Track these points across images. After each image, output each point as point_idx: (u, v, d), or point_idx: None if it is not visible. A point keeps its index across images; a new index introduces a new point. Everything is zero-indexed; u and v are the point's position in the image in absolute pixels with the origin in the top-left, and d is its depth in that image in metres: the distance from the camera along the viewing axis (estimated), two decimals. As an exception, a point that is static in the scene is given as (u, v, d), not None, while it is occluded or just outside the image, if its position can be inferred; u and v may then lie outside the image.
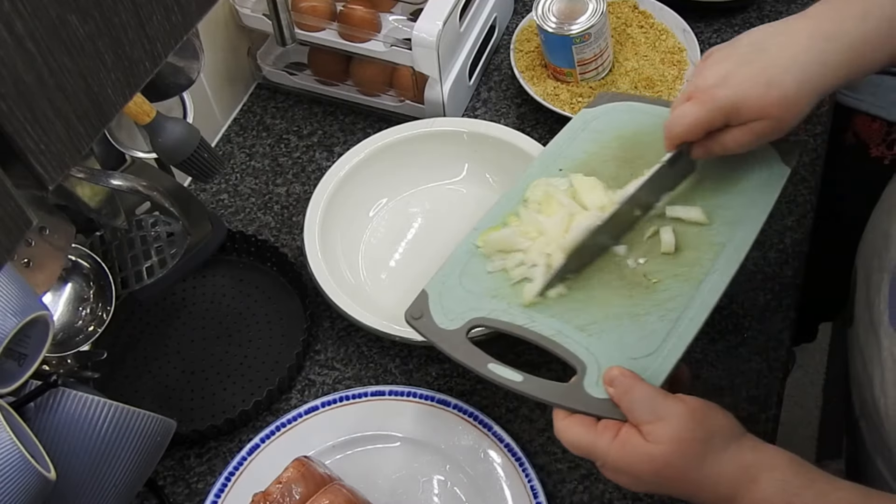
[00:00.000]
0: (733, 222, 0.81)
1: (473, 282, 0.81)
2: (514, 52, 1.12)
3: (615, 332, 0.75)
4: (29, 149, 0.39)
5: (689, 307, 0.76)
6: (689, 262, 0.79)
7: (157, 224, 0.90)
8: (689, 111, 0.75)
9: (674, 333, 0.74)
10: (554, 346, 0.75)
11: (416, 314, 0.80)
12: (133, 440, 0.72)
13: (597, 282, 0.79)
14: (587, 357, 0.74)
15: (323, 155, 1.10)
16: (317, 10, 1.06)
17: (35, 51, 0.37)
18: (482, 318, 0.79)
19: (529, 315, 0.78)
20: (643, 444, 0.65)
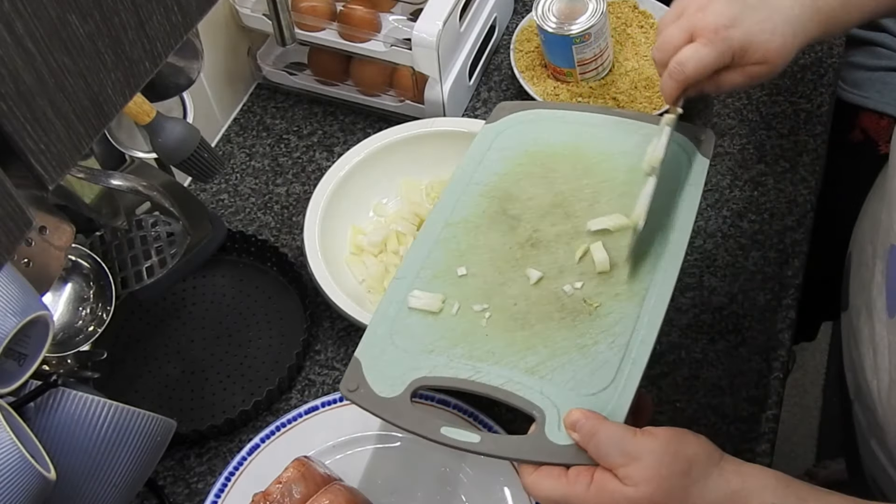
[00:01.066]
0: (663, 227, 0.77)
1: (406, 339, 0.75)
2: (514, 52, 1.12)
3: (566, 369, 0.71)
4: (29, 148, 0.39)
5: (637, 328, 0.72)
6: (625, 278, 0.75)
7: (157, 224, 0.90)
8: (703, 52, 0.75)
9: (627, 360, 0.70)
10: (506, 395, 0.70)
11: (352, 386, 0.73)
12: (133, 440, 0.72)
13: (535, 317, 0.74)
14: (543, 402, 0.69)
15: (323, 155, 1.10)
16: (317, 11, 1.06)
17: (35, 51, 0.37)
18: (423, 377, 0.72)
19: (473, 367, 0.72)
20: (621, 489, 0.62)
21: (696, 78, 0.77)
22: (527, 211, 0.81)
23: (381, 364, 0.74)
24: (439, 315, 0.76)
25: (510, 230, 0.80)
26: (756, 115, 1.08)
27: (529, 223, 0.80)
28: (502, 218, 0.81)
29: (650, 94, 1.06)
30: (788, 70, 1.11)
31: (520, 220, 0.81)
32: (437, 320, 0.76)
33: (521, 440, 0.67)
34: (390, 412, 0.71)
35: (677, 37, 0.77)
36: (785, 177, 1.03)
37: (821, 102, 1.09)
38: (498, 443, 0.70)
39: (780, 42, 0.76)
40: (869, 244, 0.85)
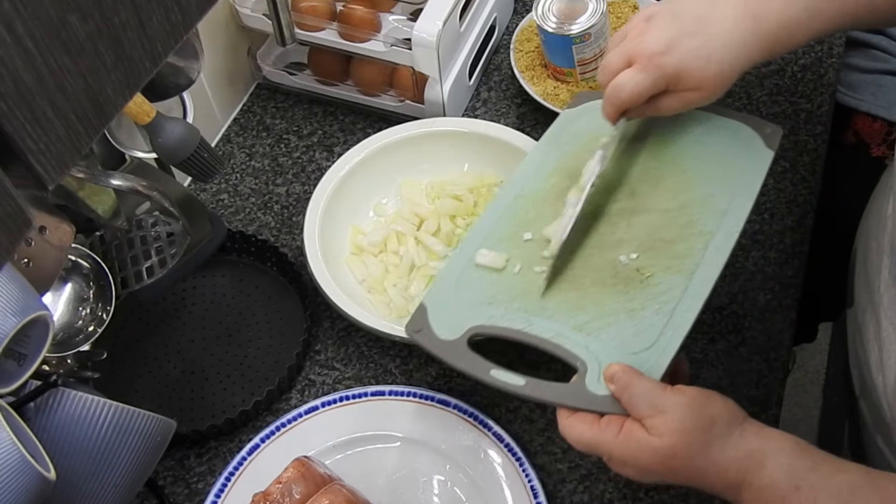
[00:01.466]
0: (721, 211, 0.81)
1: (469, 291, 0.82)
2: (514, 52, 1.12)
3: (612, 328, 0.76)
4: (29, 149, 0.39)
5: (684, 299, 0.76)
6: (680, 253, 0.79)
7: (157, 224, 0.90)
8: (637, 78, 0.77)
9: (670, 326, 0.74)
10: (554, 347, 0.76)
11: (416, 327, 0.81)
12: (133, 440, 0.72)
13: (590, 280, 0.80)
14: (587, 356, 0.74)
15: (323, 155, 1.10)
16: (317, 10, 1.06)
17: (35, 51, 0.37)
18: (481, 325, 0.79)
19: (527, 319, 0.78)
20: (647, 438, 0.66)
21: (632, 103, 0.79)
22: (594, 186, 0.84)
23: (443, 311, 0.81)
24: (502, 272, 0.83)
25: (575, 203, 0.84)
26: (756, 115, 1.07)
27: (594, 198, 0.85)
28: (570, 193, 0.85)
29: (650, 94, 1.06)
30: (788, 70, 1.12)
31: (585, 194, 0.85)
32: (499, 277, 0.83)
33: (562, 387, 0.73)
34: (448, 353, 0.78)
35: (616, 61, 0.79)
36: (785, 177, 1.03)
37: (821, 102, 1.09)
38: (541, 387, 0.74)
39: (715, 69, 0.77)
40: (874, 241, 0.86)
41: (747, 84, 1.11)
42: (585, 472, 0.86)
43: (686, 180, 0.84)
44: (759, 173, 0.83)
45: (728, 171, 0.83)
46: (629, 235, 0.82)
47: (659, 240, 0.81)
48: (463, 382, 0.92)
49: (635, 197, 0.85)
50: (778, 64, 1.12)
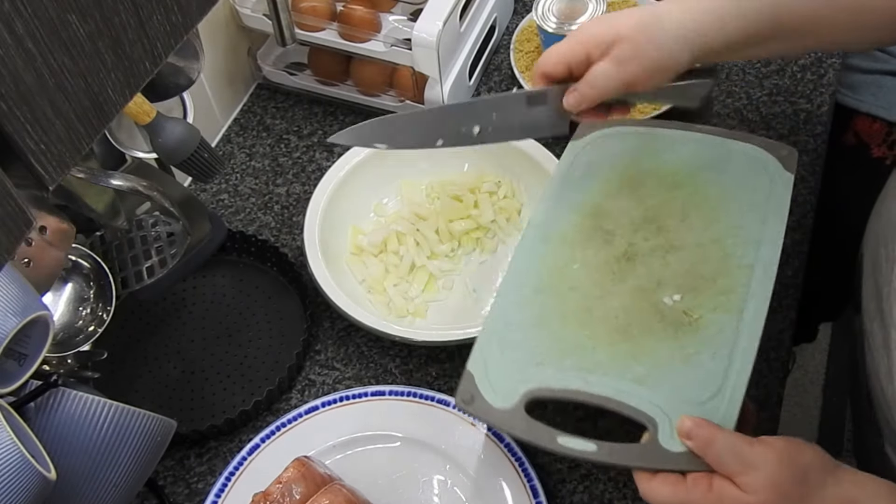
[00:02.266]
0: (754, 241, 0.80)
1: (515, 351, 0.78)
2: (515, 52, 1.12)
3: (673, 379, 0.73)
4: (29, 149, 0.39)
5: (738, 339, 0.74)
6: (724, 289, 0.77)
7: (157, 224, 0.90)
8: (563, 44, 0.77)
9: (731, 370, 0.72)
10: (617, 405, 0.73)
11: (467, 398, 0.76)
12: (133, 440, 0.72)
13: (637, 329, 0.77)
14: (654, 411, 0.72)
15: (323, 155, 1.10)
16: (317, 11, 1.06)
17: (35, 51, 0.37)
18: (535, 388, 0.75)
19: (582, 378, 0.75)
20: (741, 496, 0.64)
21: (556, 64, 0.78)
22: (619, 226, 0.84)
23: (492, 376, 0.76)
24: (547, 327, 0.79)
25: (605, 244, 0.83)
26: (756, 116, 1.07)
27: (623, 237, 0.83)
28: (597, 233, 0.84)
29: (650, 94, 1.06)
30: (788, 70, 1.12)
31: (614, 235, 0.84)
32: (546, 333, 0.78)
33: (636, 448, 0.70)
34: (507, 423, 0.74)
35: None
36: (785, 177, 1.03)
37: (821, 103, 1.09)
38: (613, 451, 0.71)
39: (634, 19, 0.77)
40: (883, 248, 0.85)
41: (747, 84, 1.11)
42: (585, 471, 0.86)
43: (712, 210, 0.83)
44: (783, 198, 0.82)
45: (753, 199, 0.82)
46: (667, 275, 0.80)
47: (699, 277, 0.79)
48: (463, 382, 0.92)
49: (664, 233, 0.83)
50: (778, 64, 1.12)
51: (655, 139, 0.90)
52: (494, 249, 0.99)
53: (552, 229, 0.85)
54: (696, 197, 0.85)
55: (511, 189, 1.01)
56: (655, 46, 0.77)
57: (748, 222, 0.81)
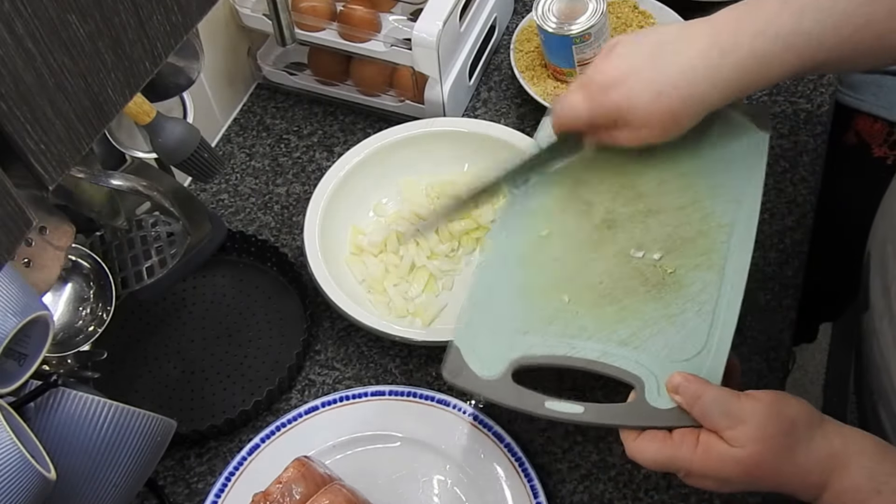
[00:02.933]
0: (734, 200, 0.80)
1: (500, 321, 0.79)
2: (515, 52, 1.12)
3: (658, 338, 0.74)
4: (29, 149, 0.39)
5: (721, 295, 0.75)
6: (704, 249, 0.78)
7: (157, 224, 0.90)
8: (579, 106, 0.77)
9: (716, 325, 0.73)
10: (603, 367, 0.74)
11: (455, 371, 0.76)
12: (133, 440, 0.72)
13: (621, 292, 0.78)
14: (640, 370, 0.72)
15: (323, 155, 1.10)
16: (317, 10, 1.06)
17: (35, 51, 0.37)
18: (521, 356, 0.76)
19: (568, 343, 0.76)
20: (728, 450, 0.64)
21: (570, 126, 0.79)
22: (598, 194, 0.84)
23: (478, 348, 0.77)
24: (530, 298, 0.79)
25: (585, 213, 0.84)
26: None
27: (602, 205, 0.84)
28: (576, 203, 0.85)
29: (650, 94, 1.06)
30: (788, 70, 1.11)
31: (592, 204, 0.84)
32: (530, 303, 0.79)
33: (623, 407, 0.71)
34: (495, 392, 0.75)
35: (572, 87, 0.79)
36: (785, 177, 1.03)
37: (821, 103, 1.09)
38: (601, 411, 0.72)
39: (664, 106, 0.74)
40: (890, 244, 0.85)
41: (747, 84, 1.11)
42: (585, 471, 0.86)
43: (689, 173, 0.83)
44: (759, 157, 0.82)
45: (728, 160, 0.83)
46: (648, 238, 0.80)
47: (679, 238, 0.79)
48: (463, 382, 0.92)
49: (643, 199, 0.83)
50: (778, 64, 1.12)
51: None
52: (494, 249, 0.98)
53: (533, 201, 0.86)
54: (672, 161, 0.84)
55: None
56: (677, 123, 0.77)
57: (726, 181, 0.81)
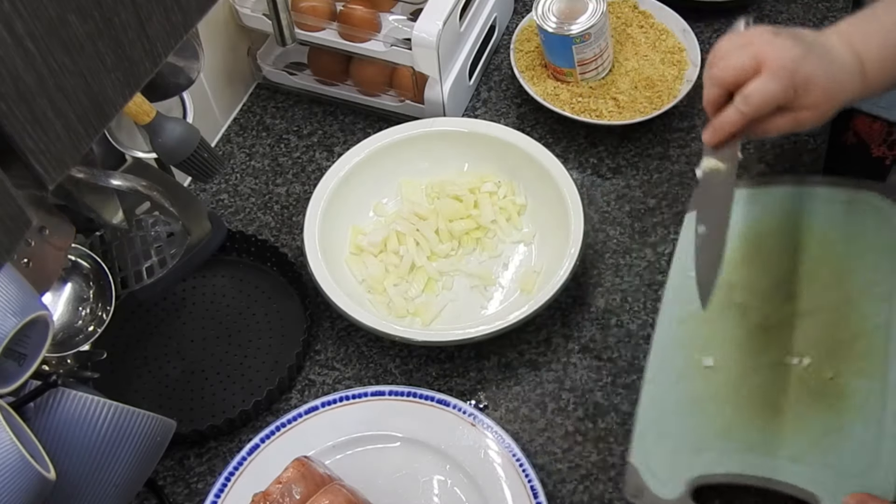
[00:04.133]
0: (887, 297, 0.80)
1: (673, 440, 0.81)
2: (515, 52, 1.12)
3: (829, 453, 0.75)
4: (29, 149, 0.39)
5: (886, 405, 0.75)
6: (863, 353, 0.78)
7: (156, 224, 0.90)
8: (769, 85, 0.75)
9: (883, 438, 0.73)
10: (778, 485, 0.75)
11: (636, 492, 0.79)
12: (133, 440, 0.72)
13: (786, 404, 0.79)
14: (816, 488, 0.73)
15: (323, 155, 1.10)
16: (317, 10, 1.06)
17: (35, 50, 0.37)
18: (698, 475, 0.78)
19: (741, 459, 0.77)
20: None
21: (760, 112, 0.76)
22: (750, 297, 0.85)
23: (653, 465, 0.80)
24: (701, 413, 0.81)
25: (741, 317, 0.84)
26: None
27: (757, 309, 0.84)
28: (730, 306, 0.85)
29: (650, 93, 1.06)
30: (788, 70, 1.11)
31: (747, 308, 0.85)
32: (701, 420, 0.81)
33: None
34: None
35: (746, 62, 0.76)
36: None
37: (821, 102, 1.09)
38: None
39: (835, 91, 0.76)
40: None
41: (747, 84, 1.11)
42: (585, 472, 0.86)
43: (840, 269, 0.83)
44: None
45: (877, 249, 0.82)
46: (804, 342, 0.81)
47: (837, 342, 0.80)
48: (463, 382, 0.92)
49: (793, 300, 0.83)
50: (778, 64, 1.12)
51: (768, 197, 0.90)
52: (494, 249, 0.98)
53: (686, 308, 0.86)
54: (821, 256, 0.84)
55: (511, 189, 1.01)
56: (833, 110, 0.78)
57: (878, 277, 0.81)
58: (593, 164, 1.06)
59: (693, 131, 1.07)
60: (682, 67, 1.08)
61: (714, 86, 0.78)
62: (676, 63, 1.09)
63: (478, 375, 0.92)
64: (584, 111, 1.06)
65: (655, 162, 1.05)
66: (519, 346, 0.93)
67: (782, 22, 1.16)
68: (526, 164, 0.99)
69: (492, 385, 0.91)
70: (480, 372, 0.92)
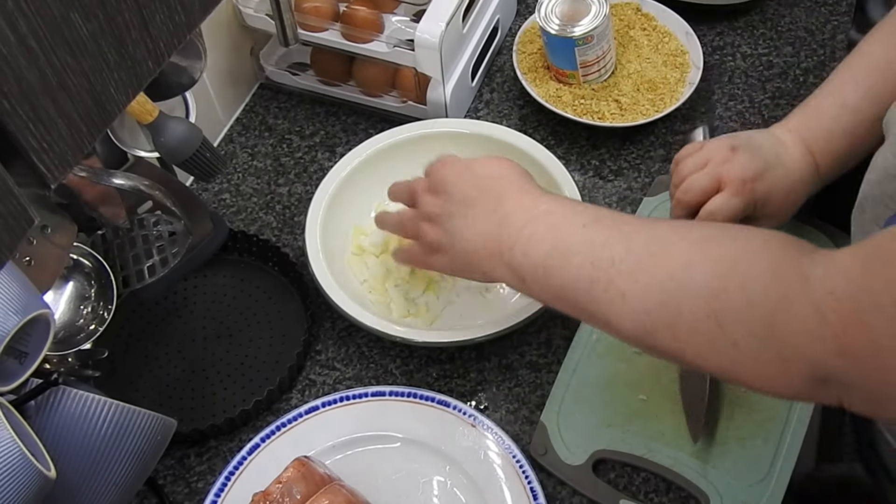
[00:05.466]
0: None
1: (586, 409, 0.85)
2: (517, 54, 1.12)
3: (726, 458, 0.81)
4: (31, 147, 0.39)
5: (788, 424, 0.81)
6: None
7: (158, 223, 0.90)
8: (732, 202, 0.81)
9: (778, 456, 0.80)
10: (674, 476, 0.81)
11: (540, 450, 0.84)
12: (133, 439, 0.72)
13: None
14: (707, 487, 0.79)
15: (325, 155, 1.10)
16: (320, 11, 1.06)
17: (38, 49, 0.37)
18: (603, 449, 0.83)
19: (646, 444, 0.83)
20: None
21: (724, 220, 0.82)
22: None
23: (564, 431, 0.84)
24: (617, 393, 0.86)
25: None
26: (758, 118, 1.07)
27: None
28: None
29: (653, 96, 1.06)
30: (791, 73, 1.12)
31: None
32: (615, 398, 0.86)
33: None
34: (574, 479, 0.83)
35: (706, 183, 0.82)
36: (787, 180, 1.03)
37: (823, 106, 1.08)
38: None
39: (792, 200, 0.84)
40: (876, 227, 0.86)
41: (749, 87, 1.11)
42: (585, 473, 0.86)
43: None
44: None
45: None
46: None
47: None
48: (463, 383, 0.92)
49: None
50: (780, 67, 1.12)
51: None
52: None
53: None
54: None
55: None
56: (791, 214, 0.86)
57: None
58: (595, 166, 1.06)
59: (695, 134, 1.07)
60: (684, 70, 1.08)
61: (682, 209, 0.84)
62: (679, 66, 1.09)
63: (478, 376, 0.92)
64: (587, 113, 1.06)
65: (657, 164, 1.05)
66: (520, 347, 0.93)
67: (784, 25, 1.16)
68: (528, 165, 0.98)
69: (492, 386, 0.91)
70: (481, 373, 0.92)
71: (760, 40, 1.15)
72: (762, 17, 1.18)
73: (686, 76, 1.08)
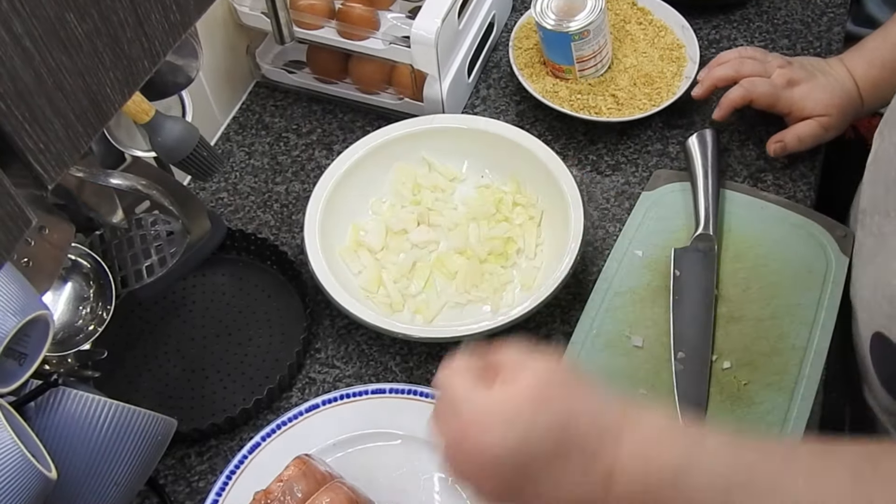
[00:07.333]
0: (809, 323, 0.86)
1: None
2: (513, 50, 1.12)
3: None
4: (28, 148, 0.39)
5: (788, 419, 0.81)
6: (778, 369, 0.84)
7: (156, 223, 0.90)
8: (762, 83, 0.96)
9: None
10: None
11: None
12: (134, 439, 0.72)
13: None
14: None
15: (322, 153, 1.10)
16: (315, 8, 1.06)
17: (33, 49, 0.37)
18: None
19: None
20: None
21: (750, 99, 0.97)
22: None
23: None
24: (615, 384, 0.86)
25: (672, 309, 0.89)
26: (755, 112, 1.07)
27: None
28: (665, 293, 0.90)
29: (649, 90, 1.06)
30: (787, 66, 1.11)
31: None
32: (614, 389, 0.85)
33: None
34: None
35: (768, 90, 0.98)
36: (784, 173, 1.03)
37: (820, 98, 1.08)
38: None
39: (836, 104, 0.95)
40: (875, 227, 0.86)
41: (746, 80, 1.11)
42: (586, 468, 0.86)
43: (772, 286, 0.89)
44: (838, 283, 0.88)
45: (811, 279, 0.89)
46: (727, 346, 0.86)
47: (756, 353, 0.85)
48: (463, 380, 0.92)
49: (727, 303, 0.89)
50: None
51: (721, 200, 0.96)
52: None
53: (624, 284, 0.91)
54: (758, 270, 0.90)
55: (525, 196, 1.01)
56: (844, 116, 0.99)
57: (805, 302, 0.87)
58: (593, 161, 1.06)
59: (692, 128, 1.07)
60: (680, 64, 1.08)
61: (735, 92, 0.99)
62: (675, 60, 1.09)
63: (478, 373, 0.92)
64: (583, 108, 1.06)
65: (655, 158, 1.05)
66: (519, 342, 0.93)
67: (780, 18, 1.16)
68: (525, 161, 0.99)
69: (492, 382, 0.91)
70: (481, 369, 0.92)
71: (756, 33, 1.15)
72: (758, 10, 1.17)
73: (682, 70, 1.08)
